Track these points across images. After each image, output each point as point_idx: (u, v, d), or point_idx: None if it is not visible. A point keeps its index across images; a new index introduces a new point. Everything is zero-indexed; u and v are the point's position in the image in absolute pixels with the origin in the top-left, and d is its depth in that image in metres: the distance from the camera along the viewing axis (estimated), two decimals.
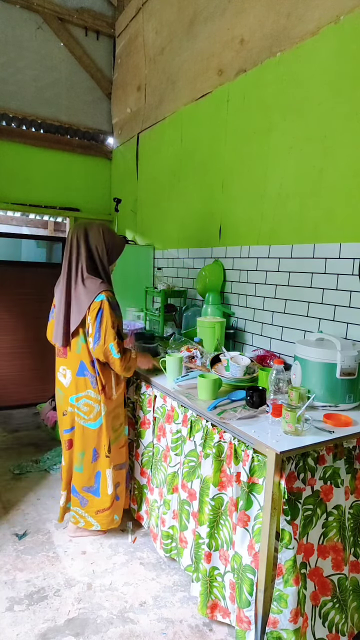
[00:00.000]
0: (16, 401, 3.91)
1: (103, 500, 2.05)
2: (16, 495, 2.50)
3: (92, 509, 2.06)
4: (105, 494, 2.04)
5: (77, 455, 2.01)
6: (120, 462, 2.07)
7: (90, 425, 1.98)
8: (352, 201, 1.88)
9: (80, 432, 1.99)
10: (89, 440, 2.00)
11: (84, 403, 1.96)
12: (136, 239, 3.90)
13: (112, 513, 2.07)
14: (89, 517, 2.07)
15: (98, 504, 2.05)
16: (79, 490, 2.05)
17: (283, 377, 1.53)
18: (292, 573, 1.31)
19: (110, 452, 2.00)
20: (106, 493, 2.04)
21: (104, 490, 2.04)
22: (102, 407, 1.96)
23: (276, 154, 2.27)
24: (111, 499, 2.04)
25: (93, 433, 1.98)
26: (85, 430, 1.99)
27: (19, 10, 3.72)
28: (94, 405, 1.95)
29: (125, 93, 4.05)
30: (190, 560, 1.77)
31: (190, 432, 1.73)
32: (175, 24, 3.18)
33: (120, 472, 2.08)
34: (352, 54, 1.84)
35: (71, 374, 1.95)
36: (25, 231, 4.87)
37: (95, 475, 2.04)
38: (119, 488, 2.08)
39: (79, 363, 1.93)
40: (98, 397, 1.95)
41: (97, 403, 1.95)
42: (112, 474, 2.02)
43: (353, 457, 1.52)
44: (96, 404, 1.95)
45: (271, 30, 2.27)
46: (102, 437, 1.99)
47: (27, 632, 1.61)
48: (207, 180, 2.86)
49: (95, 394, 1.94)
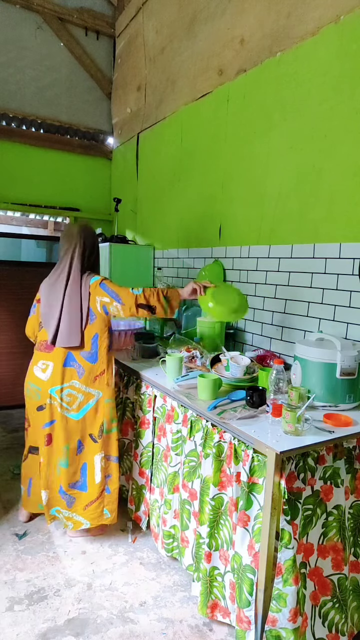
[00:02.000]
0: (16, 401, 3.90)
1: (90, 493, 2.01)
2: (16, 495, 2.50)
3: (79, 505, 2.02)
4: (92, 485, 2.01)
5: (62, 449, 1.97)
6: (112, 454, 2.04)
7: (73, 415, 1.97)
8: (352, 201, 1.88)
9: (63, 423, 1.96)
10: (73, 431, 1.98)
11: (68, 393, 1.95)
12: (136, 239, 3.90)
13: (99, 506, 2.02)
14: (77, 517, 2.02)
15: (85, 498, 2.01)
16: (66, 490, 2.01)
17: (283, 377, 1.53)
18: (292, 572, 1.31)
19: (100, 437, 1.99)
20: (93, 483, 2.01)
21: (91, 481, 2.01)
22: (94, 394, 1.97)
23: (276, 154, 2.27)
24: (99, 489, 2.01)
25: (76, 424, 1.97)
26: (69, 421, 1.97)
27: (19, 10, 3.72)
28: (78, 395, 1.96)
29: (125, 93, 4.05)
30: (191, 559, 1.77)
31: (190, 432, 1.73)
32: (175, 24, 3.18)
33: (111, 464, 2.04)
34: (352, 54, 1.85)
35: (54, 366, 1.95)
36: (25, 231, 4.87)
37: (80, 468, 2.01)
38: (109, 480, 2.03)
39: (66, 355, 1.94)
40: (82, 387, 1.96)
41: (80, 393, 1.96)
42: (102, 463, 2.00)
43: (353, 457, 1.52)
44: (80, 394, 1.96)
45: (271, 30, 2.27)
46: (87, 426, 1.99)
47: (27, 632, 1.61)
48: (207, 180, 2.86)
49: (80, 384, 1.95)
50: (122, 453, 2.35)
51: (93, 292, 1.93)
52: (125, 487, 2.38)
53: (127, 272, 3.43)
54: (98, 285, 1.93)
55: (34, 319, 2.13)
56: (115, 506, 2.06)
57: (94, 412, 1.99)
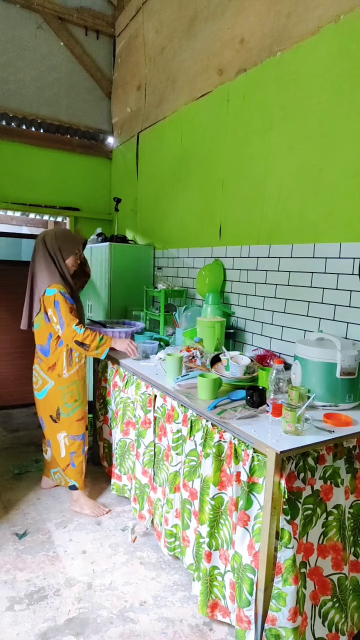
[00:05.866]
0: (16, 401, 3.91)
1: (57, 463, 2.39)
2: (16, 495, 2.50)
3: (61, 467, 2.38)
4: (58, 458, 2.35)
5: (39, 419, 2.40)
6: (75, 434, 2.34)
7: (37, 394, 2.34)
8: (352, 201, 1.88)
9: (35, 399, 2.38)
10: (40, 408, 2.36)
11: (33, 374, 2.36)
12: (136, 239, 3.90)
13: (66, 475, 2.37)
14: (65, 476, 2.38)
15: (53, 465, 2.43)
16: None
17: (283, 376, 1.53)
18: (292, 572, 1.31)
19: (58, 419, 2.30)
20: (59, 457, 2.35)
21: (57, 455, 2.35)
22: (49, 381, 2.28)
23: (276, 153, 2.27)
24: (64, 463, 2.35)
25: (40, 402, 2.35)
26: (36, 399, 2.36)
27: (19, 10, 3.71)
28: (38, 378, 2.32)
29: (125, 92, 4.05)
30: (192, 559, 1.77)
31: (190, 432, 1.74)
32: (175, 24, 3.18)
33: (75, 442, 2.34)
34: (352, 54, 1.84)
35: (35, 349, 2.35)
36: (25, 231, 4.87)
37: (47, 442, 2.40)
38: (74, 455, 2.34)
39: (37, 343, 2.32)
40: (41, 372, 2.30)
41: (40, 377, 2.31)
42: (65, 441, 2.33)
43: (353, 456, 1.52)
44: (39, 378, 2.31)
45: (271, 29, 2.27)
46: (47, 407, 2.32)
47: (27, 632, 1.61)
48: (207, 179, 2.86)
49: (39, 368, 2.31)
50: (122, 452, 2.36)
51: (47, 300, 2.19)
52: (128, 487, 2.39)
53: (127, 272, 3.42)
54: (52, 302, 2.17)
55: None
56: (82, 477, 2.37)
57: (50, 396, 2.30)
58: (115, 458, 2.44)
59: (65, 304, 2.17)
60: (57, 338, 2.26)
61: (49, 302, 2.18)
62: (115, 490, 2.45)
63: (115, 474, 2.44)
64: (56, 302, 2.16)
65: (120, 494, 2.43)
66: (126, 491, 2.40)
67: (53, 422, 2.32)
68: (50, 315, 2.19)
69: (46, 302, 2.19)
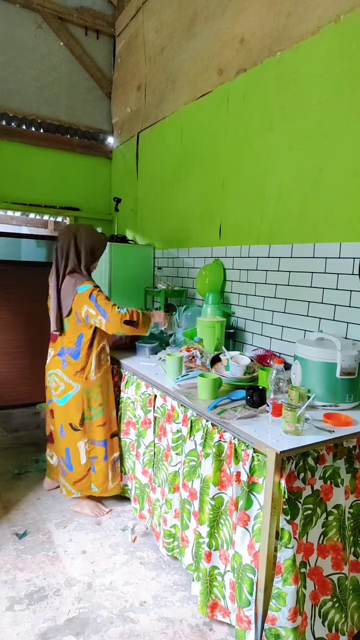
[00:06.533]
0: (16, 401, 3.91)
1: (77, 472, 2.27)
2: (16, 495, 2.50)
3: (70, 479, 2.29)
4: (78, 465, 2.26)
5: (56, 427, 2.29)
6: (96, 439, 2.27)
7: (58, 401, 2.24)
8: (352, 201, 1.88)
9: (54, 405, 2.28)
10: (59, 415, 2.26)
11: (53, 379, 2.25)
12: (136, 239, 3.90)
13: (87, 482, 2.29)
14: (69, 486, 2.30)
15: (73, 476, 2.28)
16: (59, 460, 2.33)
17: (283, 376, 1.53)
18: (291, 572, 1.31)
19: (82, 425, 2.23)
20: (79, 464, 2.26)
21: (76, 463, 2.26)
22: (74, 386, 2.19)
23: (276, 153, 2.27)
24: (85, 469, 2.27)
25: (60, 410, 2.24)
26: (55, 406, 2.26)
27: (19, 10, 3.71)
28: (60, 384, 2.22)
29: (125, 92, 4.05)
30: (191, 559, 1.77)
31: (190, 432, 1.74)
32: (175, 23, 3.18)
33: (96, 447, 2.27)
34: (352, 54, 1.84)
35: (53, 353, 2.26)
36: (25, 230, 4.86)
37: (65, 450, 2.27)
38: (95, 461, 2.28)
39: (60, 346, 2.23)
40: (65, 377, 2.20)
41: (62, 382, 2.21)
42: (86, 447, 2.26)
43: (353, 456, 1.52)
44: (61, 383, 2.21)
45: (271, 29, 2.27)
46: (68, 414, 2.22)
47: (27, 632, 1.61)
48: (207, 179, 2.86)
49: (62, 373, 2.21)
50: (123, 452, 2.36)
51: (80, 298, 2.11)
52: (128, 487, 2.39)
53: (127, 272, 3.42)
54: (88, 296, 2.10)
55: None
56: (102, 482, 2.30)
57: (74, 402, 2.21)
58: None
59: (101, 294, 2.13)
60: (89, 340, 2.18)
61: (84, 299, 2.09)
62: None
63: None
64: (92, 296, 2.09)
65: (121, 493, 2.43)
66: (127, 491, 2.40)
67: (74, 430, 2.22)
68: (87, 311, 2.10)
69: (81, 300, 2.10)
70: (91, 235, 2.23)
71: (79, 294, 2.10)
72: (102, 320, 2.09)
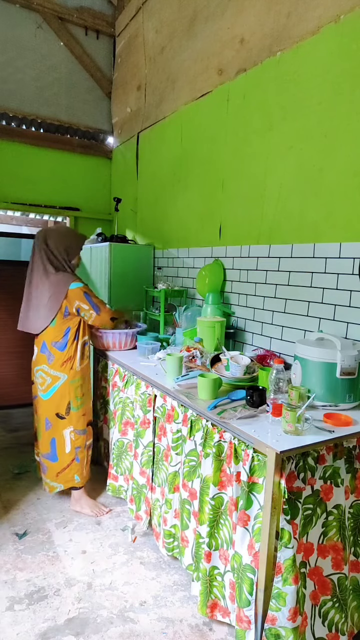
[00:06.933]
0: (16, 401, 3.91)
1: (61, 462, 2.33)
2: (16, 495, 2.50)
3: (51, 473, 2.35)
4: (62, 454, 2.33)
5: (42, 421, 2.35)
6: (81, 428, 2.35)
7: (43, 395, 2.32)
8: (352, 201, 1.88)
9: (38, 401, 2.34)
10: (43, 409, 2.33)
11: (40, 375, 2.32)
12: (136, 239, 3.90)
13: (70, 472, 2.34)
14: (52, 482, 2.36)
15: (56, 467, 2.34)
16: (40, 457, 2.38)
17: (283, 376, 1.53)
18: (291, 572, 1.31)
19: (67, 414, 2.31)
20: (63, 453, 2.33)
21: (61, 452, 2.33)
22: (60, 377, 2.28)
23: (276, 153, 2.27)
24: (69, 458, 2.33)
25: (45, 403, 2.31)
26: (40, 400, 2.33)
27: (19, 10, 3.71)
28: (46, 378, 2.30)
29: (125, 92, 4.05)
30: (191, 559, 1.77)
31: (190, 432, 1.73)
32: (175, 23, 3.17)
33: (81, 437, 2.35)
34: (352, 54, 1.84)
35: (37, 350, 2.34)
36: (25, 230, 4.86)
37: (50, 442, 2.33)
38: (79, 451, 2.35)
39: (42, 342, 2.30)
40: (50, 371, 2.28)
41: (48, 376, 2.29)
42: (71, 436, 2.33)
43: (353, 456, 1.52)
44: (48, 377, 2.29)
45: (271, 29, 2.27)
46: (54, 404, 2.30)
47: (27, 632, 1.61)
48: (207, 179, 2.86)
49: (49, 368, 2.29)
50: (119, 453, 2.36)
51: (72, 294, 2.24)
52: (124, 487, 2.39)
53: (127, 272, 3.42)
54: (82, 293, 2.27)
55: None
56: (85, 473, 2.38)
57: (60, 392, 2.29)
58: (112, 458, 2.44)
59: (92, 292, 2.33)
60: (74, 332, 2.30)
61: (77, 296, 2.25)
62: (111, 491, 2.45)
63: (112, 475, 2.44)
64: (85, 294, 2.28)
65: (116, 494, 2.43)
66: (122, 492, 2.40)
67: (60, 419, 2.31)
68: (78, 305, 2.26)
69: (73, 296, 2.24)
70: (62, 237, 2.34)
71: (71, 289, 2.24)
72: (92, 314, 2.30)
